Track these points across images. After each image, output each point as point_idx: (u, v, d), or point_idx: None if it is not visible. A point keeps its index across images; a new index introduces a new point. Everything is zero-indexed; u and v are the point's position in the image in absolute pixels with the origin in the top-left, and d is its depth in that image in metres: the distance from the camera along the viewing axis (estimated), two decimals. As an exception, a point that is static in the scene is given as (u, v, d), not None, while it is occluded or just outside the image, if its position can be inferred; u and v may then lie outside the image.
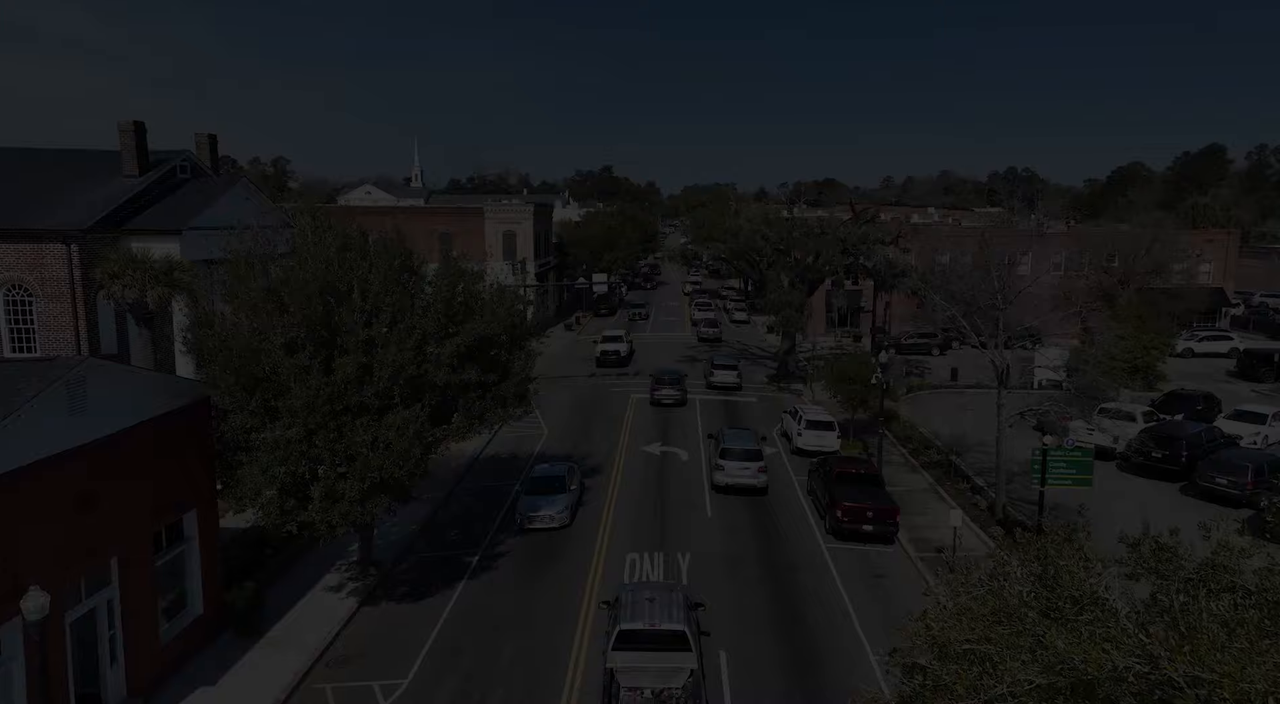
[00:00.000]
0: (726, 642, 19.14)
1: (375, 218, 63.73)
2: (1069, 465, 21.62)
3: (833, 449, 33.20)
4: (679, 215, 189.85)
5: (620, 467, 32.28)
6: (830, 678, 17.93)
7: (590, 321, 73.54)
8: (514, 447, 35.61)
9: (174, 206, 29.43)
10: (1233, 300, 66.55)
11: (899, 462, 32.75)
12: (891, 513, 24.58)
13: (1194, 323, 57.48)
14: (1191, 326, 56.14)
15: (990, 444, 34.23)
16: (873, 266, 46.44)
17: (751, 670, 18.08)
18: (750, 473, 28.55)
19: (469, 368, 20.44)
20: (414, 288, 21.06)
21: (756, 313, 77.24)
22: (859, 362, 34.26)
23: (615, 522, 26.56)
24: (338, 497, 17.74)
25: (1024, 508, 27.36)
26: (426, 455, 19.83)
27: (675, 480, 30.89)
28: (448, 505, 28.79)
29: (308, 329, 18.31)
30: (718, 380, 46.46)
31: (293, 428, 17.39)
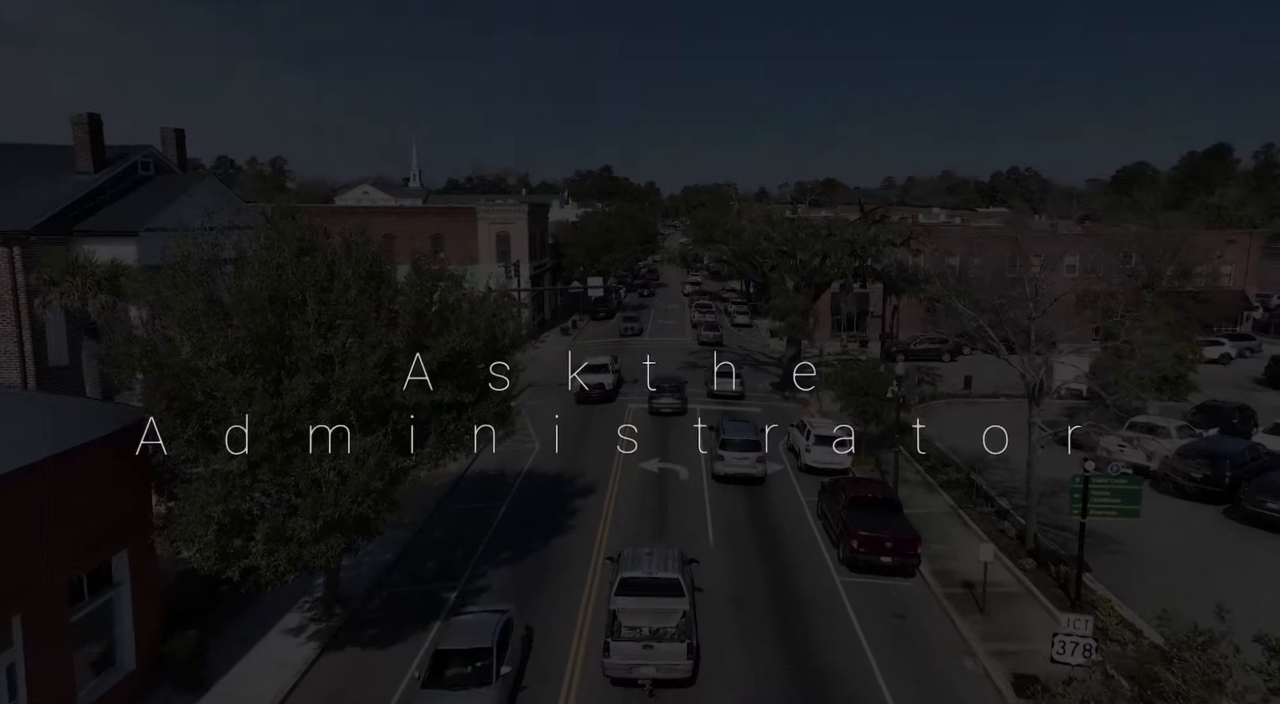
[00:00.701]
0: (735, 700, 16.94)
1: (366, 218, 61.51)
2: (1114, 495, 19.33)
3: (843, 467, 30.94)
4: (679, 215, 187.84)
5: (615, 488, 29.95)
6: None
7: (587, 325, 71.30)
8: (503, 462, 33.34)
9: (131, 206, 27.17)
10: (1254, 303, 64.31)
11: (915, 480, 30.47)
12: (912, 544, 22.30)
13: (1215, 328, 55.25)
14: (1213, 331, 53.90)
15: (1013, 461, 32.08)
16: (882, 269, 44.15)
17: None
18: (749, 463, 29.32)
19: (443, 386, 18.19)
20: (383, 296, 18.76)
21: (759, 316, 75.02)
22: (871, 372, 31.97)
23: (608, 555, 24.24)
24: (286, 537, 15.47)
25: (1054, 534, 25.11)
26: (393, 488, 17.58)
27: (674, 503, 28.57)
28: (428, 530, 26.54)
29: (254, 345, 16.04)
30: (719, 389, 44.32)
31: (233, 459, 15.13)
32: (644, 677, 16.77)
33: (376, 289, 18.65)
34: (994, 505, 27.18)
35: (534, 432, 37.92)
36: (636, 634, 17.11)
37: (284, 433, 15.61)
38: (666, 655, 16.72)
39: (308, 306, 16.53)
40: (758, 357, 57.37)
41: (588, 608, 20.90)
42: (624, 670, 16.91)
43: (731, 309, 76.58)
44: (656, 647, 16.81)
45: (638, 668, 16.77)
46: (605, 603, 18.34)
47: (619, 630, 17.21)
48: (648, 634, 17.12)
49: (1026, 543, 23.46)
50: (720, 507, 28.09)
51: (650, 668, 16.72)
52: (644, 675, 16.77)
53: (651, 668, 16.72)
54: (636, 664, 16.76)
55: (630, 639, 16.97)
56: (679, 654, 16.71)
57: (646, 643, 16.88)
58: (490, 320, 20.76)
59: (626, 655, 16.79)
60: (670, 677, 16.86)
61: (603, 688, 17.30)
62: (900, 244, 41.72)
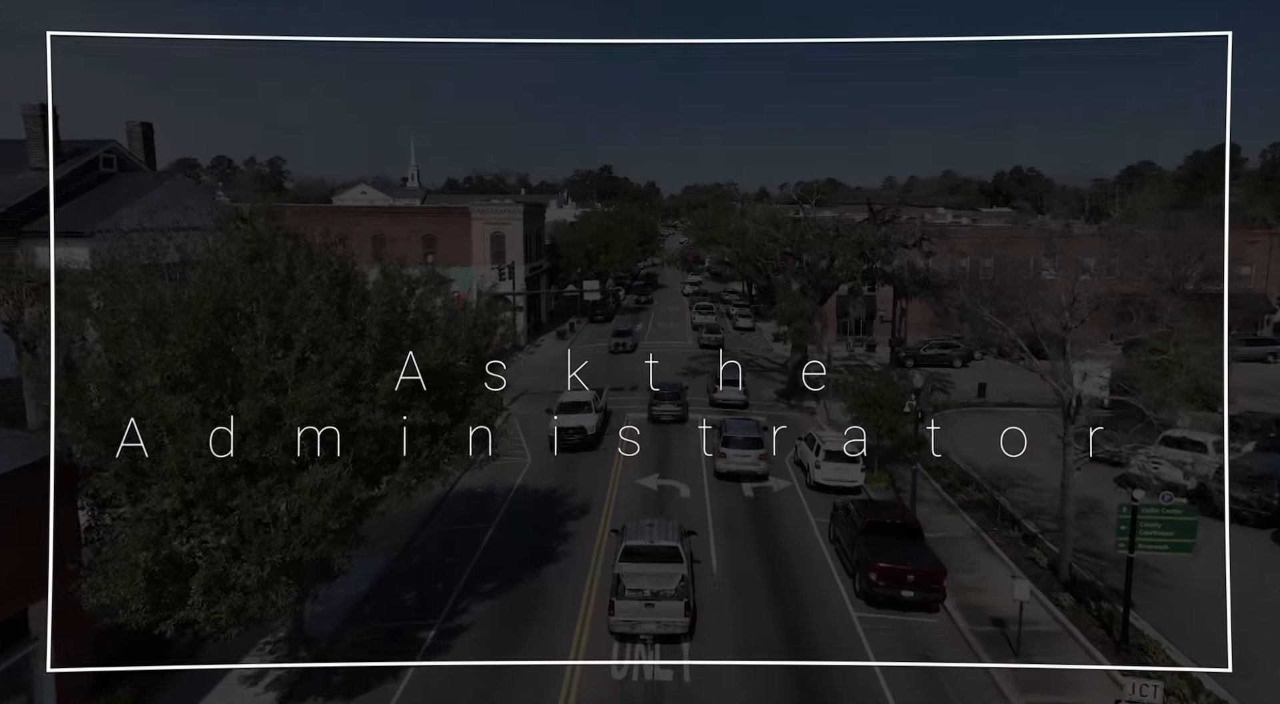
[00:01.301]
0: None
1: (356, 218, 59.57)
2: (1166, 527, 17.30)
3: (856, 484, 28.93)
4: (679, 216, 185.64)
5: (610, 508, 27.85)
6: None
7: (585, 328, 69.27)
8: (492, 478, 31.24)
9: (87, 205, 25.12)
10: (1274, 306, 62.24)
11: (934, 500, 28.44)
12: (937, 577, 20.26)
13: (1234, 332, 53.18)
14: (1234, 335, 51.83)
15: (1036, 478, 30.05)
16: (892, 272, 42.10)
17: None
18: (751, 460, 29.76)
19: (415, 407, 16.16)
20: (350, 306, 16.70)
21: (762, 319, 72.97)
22: (885, 383, 29.92)
23: (602, 589, 22.09)
24: (229, 586, 13.44)
25: (1088, 562, 23.08)
26: (357, 523, 15.56)
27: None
28: (407, 555, 24.52)
29: (195, 363, 14.00)
30: (722, 397, 42.37)
31: (168, 497, 13.10)
32: (645, 632, 18.49)
33: (343, 298, 16.63)
34: (1021, 529, 25.14)
35: (526, 444, 35.93)
36: (639, 595, 18.59)
37: (227, 465, 13.57)
38: (666, 613, 18.45)
39: (256, 320, 14.47)
40: (761, 361, 55.33)
41: (579, 646, 18.87)
42: (627, 626, 18.56)
43: (733, 312, 74.51)
44: (657, 605, 18.43)
45: (639, 624, 18.46)
46: (611, 570, 20.37)
47: (623, 591, 18.75)
48: (649, 595, 18.55)
49: (1061, 574, 21.42)
50: (724, 529, 26.06)
51: (651, 624, 18.46)
52: (645, 631, 18.49)
53: (652, 624, 18.46)
54: (638, 620, 18.44)
55: (633, 599, 18.52)
56: (677, 611, 18.50)
57: (648, 602, 18.43)
58: (471, 331, 18.74)
59: (629, 613, 18.45)
60: (669, 631, 18.58)
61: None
62: (911, 245, 39.72)
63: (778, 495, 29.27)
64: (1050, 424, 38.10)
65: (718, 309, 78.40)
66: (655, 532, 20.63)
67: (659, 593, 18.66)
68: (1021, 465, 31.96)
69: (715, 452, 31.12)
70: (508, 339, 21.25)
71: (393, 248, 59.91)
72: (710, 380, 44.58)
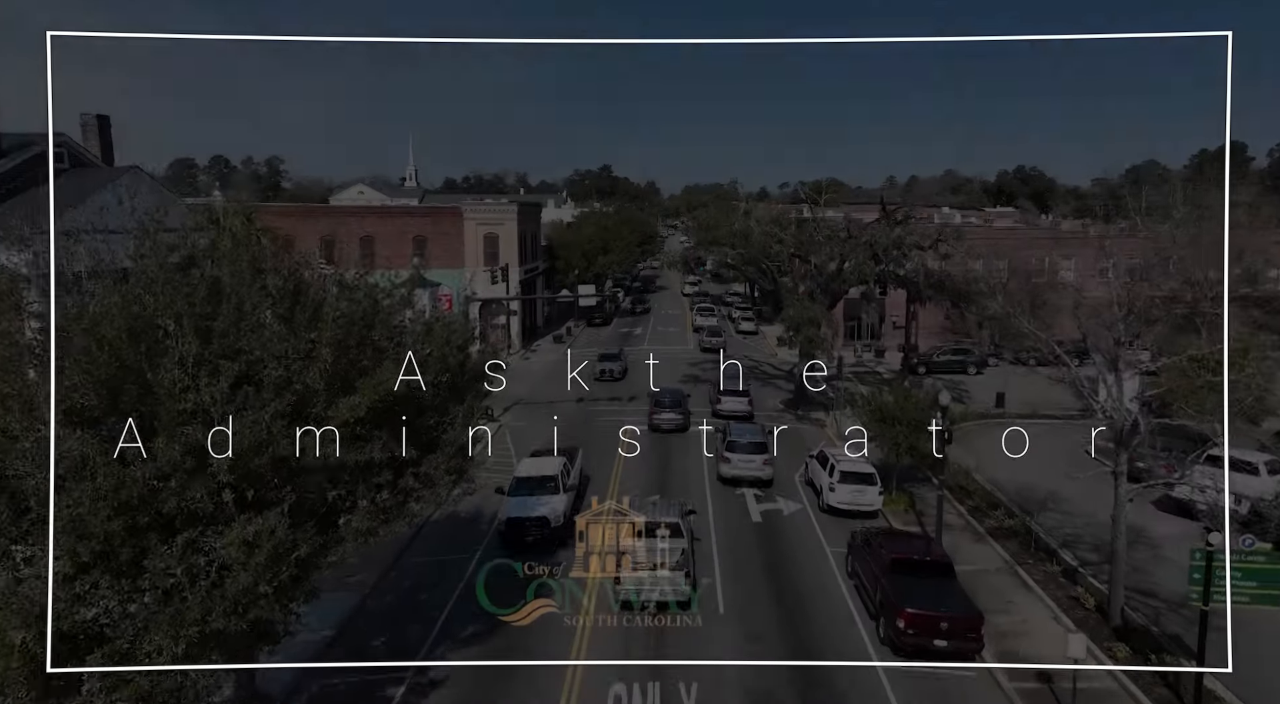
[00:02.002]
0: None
1: (344, 219, 57.27)
2: (1248, 576, 14.91)
3: (873, 508, 26.58)
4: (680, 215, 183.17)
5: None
6: None
7: (582, 332, 66.88)
8: (480, 499, 28.84)
9: (26, 204, 22.68)
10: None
11: (959, 526, 26.08)
12: (974, 624, 17.91)
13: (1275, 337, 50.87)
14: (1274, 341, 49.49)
15: (1068, 498, 27.72)
16: (905, 274, 39.73)
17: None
18: (755, 465, 29.47)
19: (374, 440, 13.81)
20: (300, 321, 14.31)
21: (765, 322, 70.61)
22: (903, 396, 27.53)
23: (594, 632, 19.76)
24: (137, 661, 11.08)
25: (1138, 602, 20.69)
26: (303, 581, 13.21)
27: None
28: (380, 592, 22.17)
29: (100, 393, 11.64)
30: (726, 408, 40.00)
31: (60, 558, 10.74)
32: (649, 599, 20.12)
33: (291, 311, 14.25)
34: (1058, 561, 22.74)
35: (516, 459, 33.55)
36: (643, 567, 20.25)
37: (134, 517, 11.22)
38: (668, 582, 20.09)
39: (178, 341, 12.10)
40: (765, 368, 52.94)
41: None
42: (632, 594, 20.21)
43: (735, 315, 72.06)
44: (660, 575, 20.14)
45: (644, 592, 20.10)
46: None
47: (629, 564, 20.45)
48: (653, 566, 20.24)
49: (1112, 619, 19.03)
50: (731, 561, 23.68)
51: (655, 592, 20.10)
52: (649, 598, 20.12)
53: (656, 591, 20.10)
54: (643, 589, 20.10)
55: (638, 570, 20.19)
56: (679, 581, 20.13)
57: (651, 572, 20.13)
58: (444, 349, 16.39)
59: (634, 582, 20.13)
60: (672, 599, 20.22)
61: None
62: (927, 247, 37.39)
63: (788, 520, 26.92)
64: (1077, 439, 35.99)
65: (719, 311, 76.10)
66: (658, 510, 22.47)
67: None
68: (1050, 484, 29.60)
69: (719, 456, 30.65)
70: (489, 355, 18.78)
71: (383, 249, 57.62)
72: (712, 389, 42.40)
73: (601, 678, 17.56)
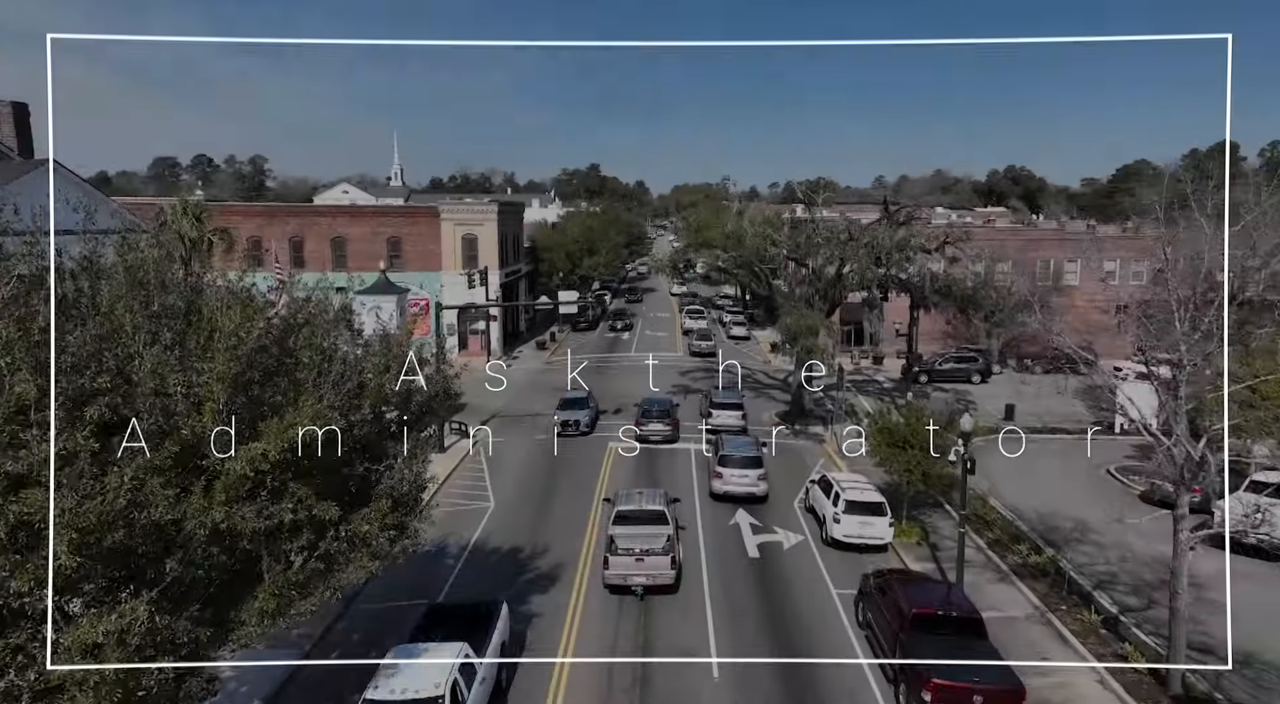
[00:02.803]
0: None
1: (313, 219, 54.23)
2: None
3: (883, 541, 23.90)
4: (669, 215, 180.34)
5: (585, 578, 22.60)
6: None
7: (567, 338, 64.01)
8: (446, 529, 26.04)
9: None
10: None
11: (979, 562, 23.42)
12: (1015, 698, 15.22)
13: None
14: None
15: (1096, 529, 25.15)
16: (908, 279, 37.10)
17: None
18: (750, 481, 27.90)
19: (284, 499, 11.00)
20: (193, 350, 11.41)
21: (757, 326, 67.98)
22: (914, 416, 24.83)
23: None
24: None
25: (1191, 658, 18.02)
26: (190, 678, 10.41)
27: (663, 601, 21.21)
28: (324, 647, 19.34)
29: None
30: (719, 422, 37.27)
31: None
32: (636, 584, 20.53)
33: (182, 338, 11.37)
34: (1097, 609, 20.07)
35: (490, 482, 30.73)
36: (630, 552, 20.65)
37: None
38: (654, 567, 20.55)
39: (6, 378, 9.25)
40: (759, 377, 50.26)
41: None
42: (620, 579, 20.65)
43: (726, 319, 69.32)
44: (646, 560, 20.52)
45: (631, 577, 20.54)
46: (604, 530, 22.59)
47: (616, 549, 20.78)
48: (639, 552, 20.62)
49: (1171, 686, 16.38)
50: (725, 604, 20.90)
51: (641, 577, 20.54)
52: (636, 583, 20.54)
53: (642, 577, 20.54)
54: (630, 574, 20.55)
55: (625, 555, 20.62)
56: (664, 566, 20.63)
57: (638, 557, 20.55)
58: (382, 378, 13.56)
59: (622, 568, 20.57)
60: (657, 583, 20.64)
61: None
62: (934, 249, 34.82)
63: (788, 554, 24.20)
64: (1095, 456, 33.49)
65: (709, 314, 73.59)
66: (644, 498, 23.12)
67: (648, 550, 20.71)
68: (1074, 511, 27.11)
69: (711, 472, 28.91)
70: (435, 387, 15.89)
71: (355, 251, 54.62)
72: (704, 400, 39.72)
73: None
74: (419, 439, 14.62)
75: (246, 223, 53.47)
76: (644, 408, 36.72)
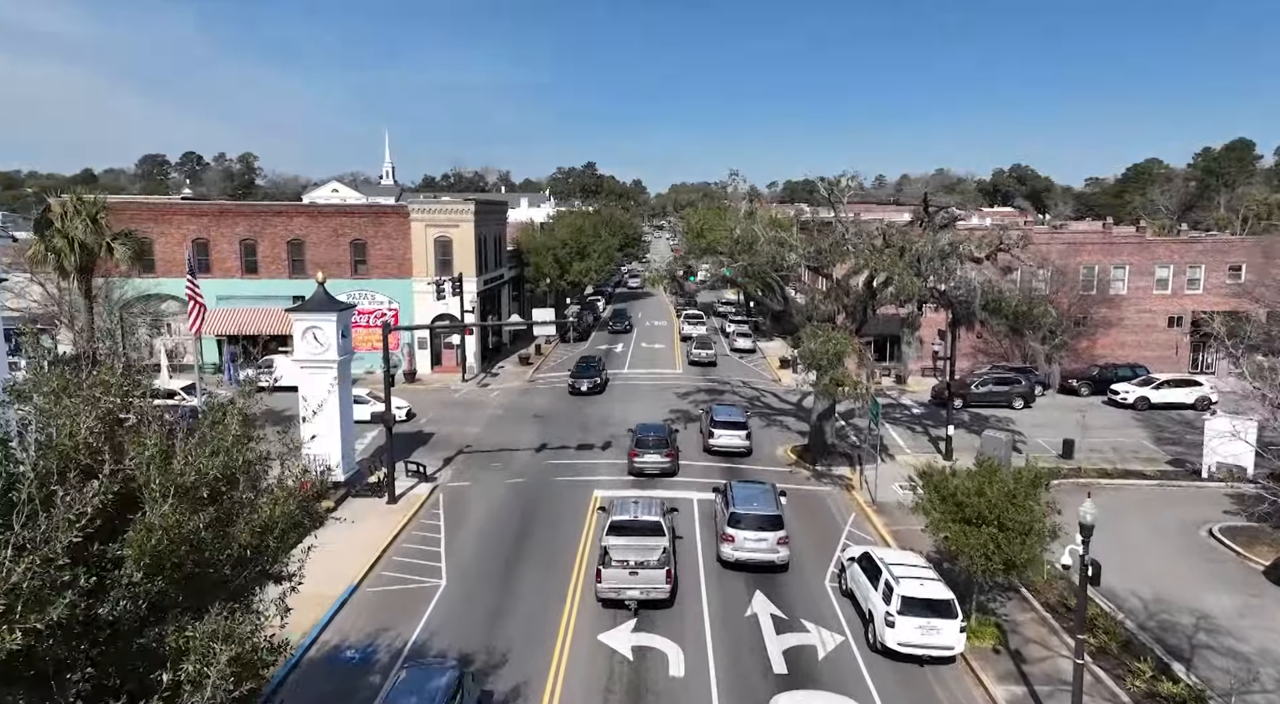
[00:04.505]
0: None
1: (267, 219, 48.20)
2: None
3: (951, 651, 18.00)
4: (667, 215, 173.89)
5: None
6: None
7: (554, 351, 57.93)
8: (380, 622, 20.24)
9: None
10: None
11: (1086, 684, 17.41)
12: None
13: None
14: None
15: (1225, 628, 19.26)
16: (945, 292, 31.08)
17: None
18: (768, 546, 22.68)
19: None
20: None
21: (764, 337, 62.02)
22: (989, 479, 18.82)
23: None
24: None
25: None
26: None
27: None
28: None
29: None
30: (721, 443, 32.99)
31: None
32: (630, 598, 19.80)
33: None
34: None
35: (445, 547, 24.75)
36: (624, 565, 19.92)
37: None
38: (649, 580, 19.84)
39: None
40: (768, 399, 44.36)
41: None
42: (614, 592, 19.89)
43: (730, 329, 63.39)
44: (640, 573, 19.83)
45: (625, 590, 19.81)
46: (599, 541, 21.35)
47: (610, 561, 20.05)
48: (634, 564, 19.89)
49: None
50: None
51: (635, 590, 19.80)
52: (630, 597, 19.79)
53: (636, 590, 19.80)
54: (624, 587, 19.81)
55: (619, 567, 19.88)
56: (659, 579, 19.91)
57: (632, 570, 19.82)
58: (227, 468, 7.76)
59: (616, 580, 19.83)
60: (652, 597, 19.91)
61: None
62: (987, 257, 28.92)
63: (825, 667, 18.26)
64: (1189, 512, 27.55)
65: (709, 321, 68.14)
66: (640, 508, 22.06)
67: (643, 563, 19.85)
68: (1184, 595, 21.26)
69: (720, 534, 23.50)
70: (293, 501, 9.94)
71: (314, 255, 48.58)
72: (705, 419, 34.99)
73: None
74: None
75: (191, 223, 47.47)
76: (639, 436, 31.27)
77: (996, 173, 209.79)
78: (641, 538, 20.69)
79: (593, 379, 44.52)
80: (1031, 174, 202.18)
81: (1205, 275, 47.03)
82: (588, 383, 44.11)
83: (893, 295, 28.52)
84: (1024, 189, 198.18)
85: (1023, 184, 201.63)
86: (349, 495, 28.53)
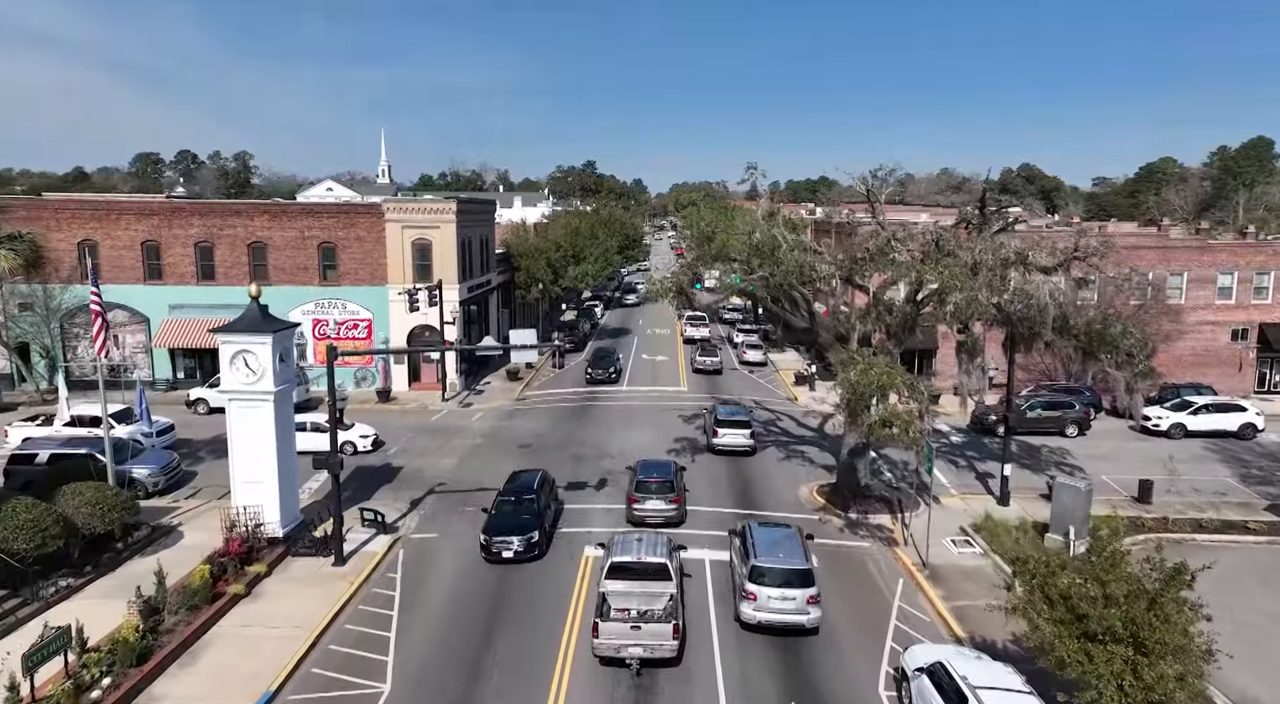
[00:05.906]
0: None
1: (225, 219, 43.19)
2: None
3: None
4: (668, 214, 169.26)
5: None
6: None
7: (546, 365, 52.93)
8: None
9: None
10: None
11: None
12: None
13: None
14: None
15: None
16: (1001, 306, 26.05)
17: None
18: (795, 605, 18.91)
19: None
20: None
21: (775, 348, 57.07)
22: (1109, 568, 13.88)
23: None
24: None
25: None
26: None
27: None
28: None
29: None
30: (725, 442, 32.52)
31: None
32: (631, 656, 17.15)
33: None
34: None
35: (396, 630, 19.64)
36: (625, 615, 17.67)
37: None
38: (653, 636, 17.16)
39: None
40: (784, 423, 39.36)
41: None
42: (612, 650, 17.28)
43: (739, 339, 58.37)
44: (644, 627, 17.20)
45: (625, 647, 17.20)
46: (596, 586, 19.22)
47: (608, 612, 17.81)
48: (636, 616, 17.64)
49: None
50: None
51: (637, 647, 17.15)
52: (631, 655, 17.15)
53: (639, 647, 17.15)
54: (624, 644, 17.19)
55: (618, 620, 17.42)
56: (665, 634, 17.16)
57: (634, 623, 17.25)
58: None
59: (614, 635, 17.22)
60: (656, 656, 17.27)
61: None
62: (1059, 266, 23.99)
63: None
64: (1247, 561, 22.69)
65: (713, 325, 63.88)
66: (644, 547, 19.68)
67: (646, 614, 17.85)
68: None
69: (739, 590, 19.99)
70: None
71: (278, 260, 43.62)
72: (708, 418, 34.73)
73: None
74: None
75: (139, 224, 42.50)
76: (639, 478, 26.39)
77: (1005, 172, 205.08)
78: (645, 582, 18.58)
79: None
80: (1040, 174, 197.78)
81: (1275, 283, 42.04)
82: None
83: (952, 313, 23.43)
84: (1033, 188, 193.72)
85: (1031, 183, 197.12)
86: (288, 554, 23.57)
